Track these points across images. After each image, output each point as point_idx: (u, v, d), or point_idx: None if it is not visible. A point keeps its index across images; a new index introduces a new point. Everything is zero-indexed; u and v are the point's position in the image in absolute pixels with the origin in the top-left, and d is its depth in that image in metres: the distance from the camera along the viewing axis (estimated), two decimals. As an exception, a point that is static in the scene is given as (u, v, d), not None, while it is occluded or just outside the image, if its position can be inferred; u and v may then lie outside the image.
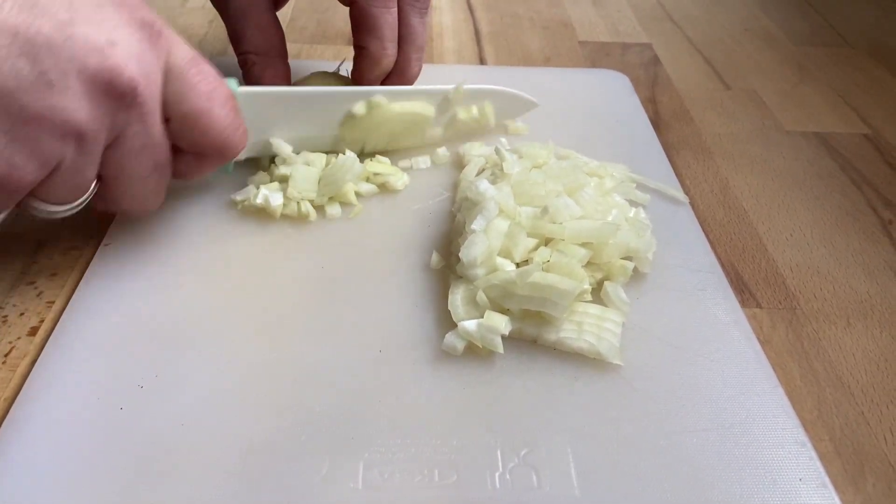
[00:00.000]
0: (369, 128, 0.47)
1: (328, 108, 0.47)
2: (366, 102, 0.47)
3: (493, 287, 0.37)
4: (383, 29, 0.46)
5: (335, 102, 0.47)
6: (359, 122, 0.47)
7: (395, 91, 0.48)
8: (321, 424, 0.32)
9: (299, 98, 0.46)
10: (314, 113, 0.46)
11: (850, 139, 0.58)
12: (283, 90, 0.46)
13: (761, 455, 0.32)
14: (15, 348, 0.37)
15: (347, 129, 0.47)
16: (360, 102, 0.47)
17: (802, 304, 0.42)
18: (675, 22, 0.78)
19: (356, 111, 0.46)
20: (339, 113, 0.47)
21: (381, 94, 0.47)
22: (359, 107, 0.46)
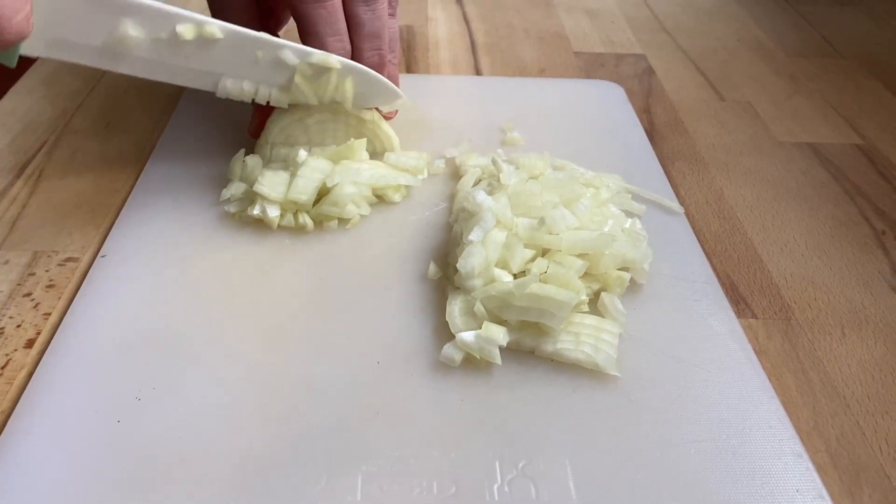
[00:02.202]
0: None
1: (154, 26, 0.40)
2: (194, 27, 0.41)
3: (490, 298, 0.37)
4: (318, 26, 0.45)
5: (168, 21, 0.40)
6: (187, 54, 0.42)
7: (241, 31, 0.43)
8: (319, 436, 0.32)
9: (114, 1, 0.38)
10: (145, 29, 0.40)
11: (842, 150, 0.58)
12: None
13: (758, 466, 0.32)
14: (12, 360, 0.36)
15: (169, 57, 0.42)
16: (188, 24, 0.41)
17: (797, 315, 0.42)
18: (668, 33, 0.78)
19: (180, 32, 0.40)
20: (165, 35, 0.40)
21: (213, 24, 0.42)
22: (184, 28, 0.40)
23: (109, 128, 0.55)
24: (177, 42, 0.41)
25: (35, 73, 0.61)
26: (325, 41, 0.46)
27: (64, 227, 0.45)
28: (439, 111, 0.57)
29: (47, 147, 0.52)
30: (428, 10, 0.80)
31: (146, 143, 0.53)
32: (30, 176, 0.49)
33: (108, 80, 0.61)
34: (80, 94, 0.59)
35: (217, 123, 0.54)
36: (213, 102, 0.52)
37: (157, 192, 0.46)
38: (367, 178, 0.45)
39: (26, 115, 0.56)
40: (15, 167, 0.50)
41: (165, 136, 0.52)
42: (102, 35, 0.39)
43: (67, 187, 0.48)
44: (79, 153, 0.52)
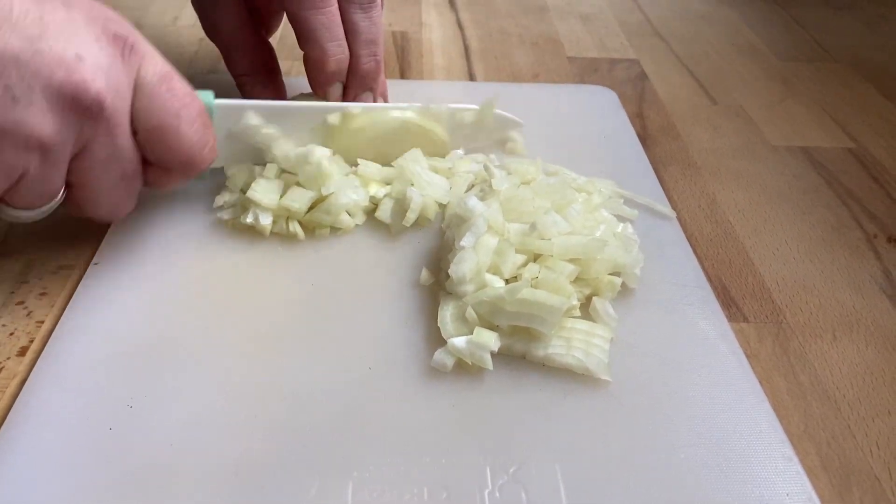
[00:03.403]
0: (347, 140, 0.47)
1: (306, 121, 0.47)
2: (340, 113, 0.47)
3: (482, 303, 0.37)
4: (317, 31, 0.46)
5: (312, 115, 0.47)
6: (334, 133, 0.47)
7: (373, 106, 0.48)
8: (311, 443, 0.33)
9: (275, 110, 0.46)
10: (292, 125, 0.46)
11: (835, 153, 0.59)
12: (259, 102, 0.46)
13: (749, 470, 0.32)
14: (4, 368, 0.36)
15: (322, 140, 0.47)
16: (336, 113, 0.47)
17: (789, 318, 0.42)
18: (661, 38, 0.79)
19: (330, 121, 0.47)
20: (318, 125, 0.48)
21: (357, 106, 0.47)
22: (333, 117, 0.47)
23: (103, 135, 0.55)
24: (328, 128, 0.48)
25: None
26: (325, 46, 0.46)
27: (57, 235, 0.45)
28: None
29: (41, 155, 0.52)
30: (422, 16, 0.80)
31: (140, 150, 0.53)
32: (23, 184, 0.49)
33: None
34: (75, 101, 0.59)
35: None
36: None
37: (150, 200, 0.46)
38: (436, 194, 0.46)
39: (20, 123, 0.56)
40: (8, 175, 0.50)
41: (159, 144, 0.52)
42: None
43: (61, 195, 0.48)
44: (72, 161, 0.52)
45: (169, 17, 0.75)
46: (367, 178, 0.47)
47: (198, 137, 0.38)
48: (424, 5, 0.83)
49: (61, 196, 0.37)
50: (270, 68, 0.51)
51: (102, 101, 0.33)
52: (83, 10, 0.34)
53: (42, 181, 0.34)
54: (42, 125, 0.32)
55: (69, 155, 0.35)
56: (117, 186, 0.38)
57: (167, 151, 0.38)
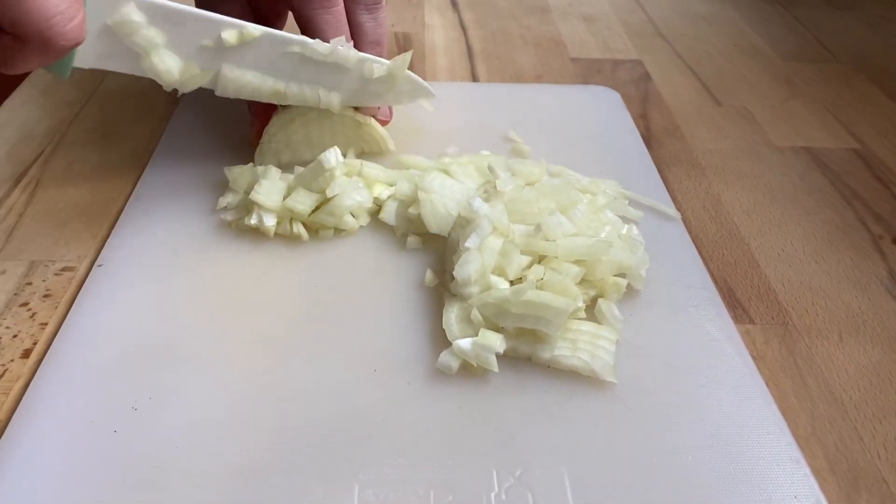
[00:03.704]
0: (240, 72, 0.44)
1: (198, 33, 0.42)
2: (238, 31, 0.42)
3: (487, 305, 0.37)
4: (324, 31, 0.46)
5: (206, 27, 0.42)
6: (229, 57, 0.43)
7: (275, 34, 0.44)
8: (315, 445, 0.32)
9: (164, 11, 0.40)
10: (181, 35, 0.41)
11: (839, 154, 0.58)
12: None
13: (756, 472, 0.32)
14: (8, 371, 0.36)
15: (213, 63, 0.43)
16: (232, 30, 0.42)
17: (795, 320, 0.42)
18: (665, 38, 0.78)
19: (226, 38, 0.42)
20: (210, 42, 0.42)
21: (256, 28, 0.43)
22: (229, 34, 0.42)
23: (106, 137, 0.55)
24: (222, 48, 0.42)
25: (32, 83, 0.61)
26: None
27: (61, 236, 0.45)
28: (436, 118, 0.57)
29: (44, 157, 0.52)
30: (425, 17, 0.80)
31: (143, 152, 0.53)
32: (26, 186, 0.49)
33: (104, 90, 0.61)
34: (77, 103, 0.59)
35: (213, 132, 0.54)
36: (209, 111, 0.53)
37: (153, 201, 0.46)
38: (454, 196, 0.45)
39: (23, 125, 0.56)
40: (12, 177, 0.50)
41: (162, 145, 0.52)
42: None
43: (64, 197, 0.48)
44: (75, 163, 0.52)
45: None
46: (372, 179, 0.46)
47: (64, 6, 0.33)
48: (427, 7, 0.83)
49: None
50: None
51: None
52: None
53: None
54: None
55: None
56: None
57: (25, 14, 0.32)
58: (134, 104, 0.59)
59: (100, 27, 0.39)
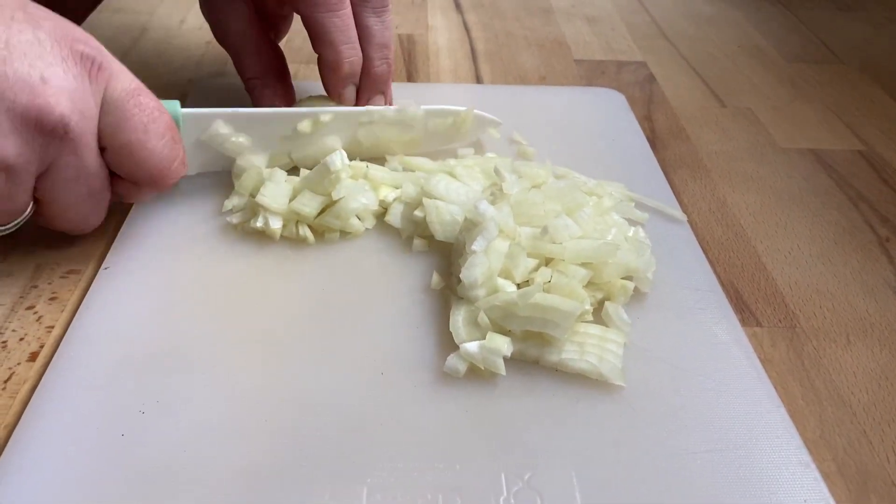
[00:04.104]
0: (319, 144, 0.48)
1: (276, 128, 0.47)
2: (311, 121, 0.47)
3: (494, 308, 0.37)
4: (332, 34, 0.46)
5: (282, 122, 0.47)
6: (307, 139, 0.47)
7: (344, 111, 0.48)
8: (323, 449, 0.32)
9: (244, 118, 0.46)
10: (265, 133, 0.46)
11: (844, 156, 0.58)
12: (227, 110, 0.45)
13: (765, 476, 0.32)
14: (15, 374, 0.36)
15: (294, 147, 0.48)
16: (306, 121, 0.47)
17: (802, 323, 0.42)
18: (669, 40, 0.78)
19: (301, 129, 0.47)
20: (289, 132, 0.47)
21: (329, 113, 0.47)
22: (304, 125, 0.47)
23: (111, 139, 0.55)
24: (300, 135, 0.47)
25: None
26: (339, 49, 0.46)
27: (66, 239, 0.45)
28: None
29: (49, 159, 0.52)
30: (428, 19, 0.80)
31: (148, 154, 0.53)
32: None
33: (109, 92, 0.61)
34: (82, 105, 0.59)
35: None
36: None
37: (159, 204, 0.46)
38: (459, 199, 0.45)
39: (28, 126, 0.56)
40: (17, 179, 0.50)
41: (167, 147, 0.52)
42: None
43: (69, 199, 0.48)
44: (81, 165, 0.52)
45: (175, 19, 0.75)
46: (377, 181, 0.46)
47: (167, 152, 0.39)
48: (430, 8, 0.83)
49: (30, 211, 0.38)
50: (280, 72, 0.51)
51: (67, 122, 0.34)
52: (50, 30, 0.34)
53: (7, 199, 0.35)
54: (5, 148, 0.33)
55: (34, 174, 0.35)
56: (85, 202, 0.38)
57: (136, 167, 0.38)
58: (138, 106, 0.59)
59: (195, 142, 0.45)
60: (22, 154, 0.33)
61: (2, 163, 0.33)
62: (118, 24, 0.37)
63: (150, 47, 0.70)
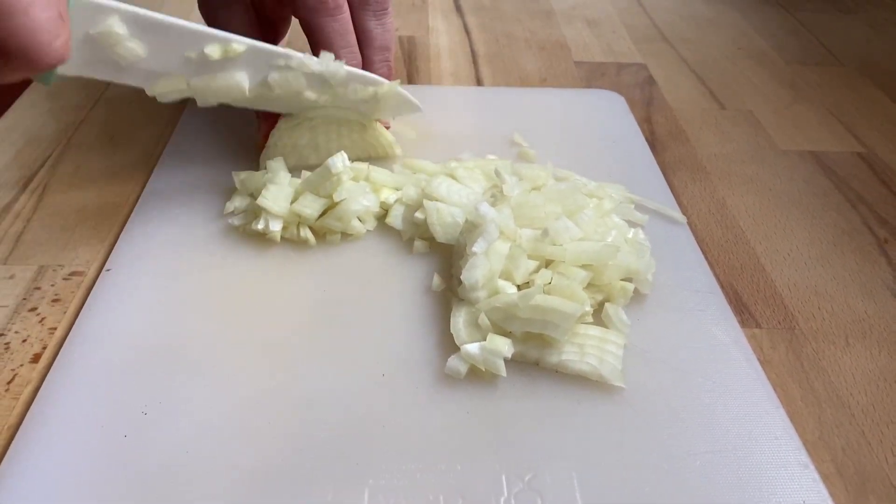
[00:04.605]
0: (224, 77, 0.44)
1: (181, 45, 0.41)
2: (220, 46, 0.42)
3: (494, 310, 0.37)
4: (331, 38, 0.46)
5: (190, 39, 0.41)
6: (213, 67, 0.43)
7: (259, 46, 0.44)
8: (325, 450, 0.33)
9: (147, 22, 0.40)
10: (163, 46, 0.41)
11: (844, 158, 0.59)
12: (130, 7, 0.39)
13: (765, 477, 0.32)
14: (18, 376, 0.36)
15: (196, 73, 0.43)
16: (215, 45, 0.42)
17: (801, 324, 0.42)
18: (668, 42, 0.78)
19: (209, 52, 0.42)
20: (193, 55, 0.42)
21: (239, 42, 0.42)
22: (212, 49, 0.42)
23: (113, 141, 0.55)
24: (205, 61, 0.42)
25: (38, 88, 0.62)
26: (338, 53, 0.46)
27: (69, 241, 0.45)
28: (441, 122, 0.57)
29: (51, 161, 0.53)
30: (429, 21, 0.80)
31: (150, 156, 0.53)
32: (34, 190, 0.49)
33: (111, 94, 0.61)
34: (84, 107, 0.59)
35: (220, 135, 0.54)
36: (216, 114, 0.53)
37: (161, 206, 0.46)
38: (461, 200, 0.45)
39: (30, 129, 0.56)
40: (19, 181, 0.50)
41: (169, 149, 0.52)
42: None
43: (72, 201, 0.48)
44: (83, 167, 0.52)
45: (176, 22, 0.75)
46: (379, 183, 0.47)
47: (50, 25, 0.34)
48: (431, 10, 0.83)
49: None
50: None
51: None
52: None
53: None
54: None
55: None
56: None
57: (10, 34, 0.33)
58: (140, 108, 0.59)
59: (83, 36, 0.38)
60: None
61: None
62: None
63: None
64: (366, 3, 0.48)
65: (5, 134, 0.55)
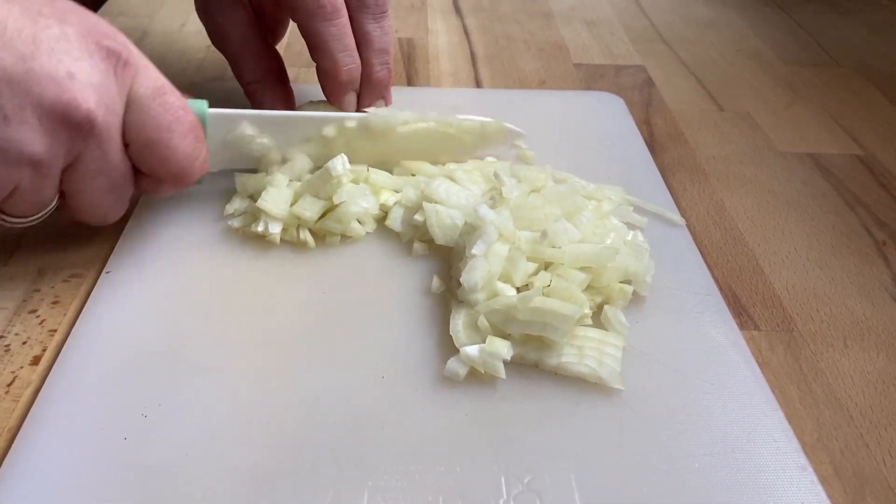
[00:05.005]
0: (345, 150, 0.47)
1: (301, 131, 0.47)
2: (335, 125, 0.47)
3: (494, 312, 0.37)
4: (329, 43, 0.46)
5: (308, 125, 0.47)
6: (331, 144, 0.48)
7: (369, 118, 0.48)
8: (325, 452, 0.33)
9: (270, 120, 0.46)
10: (289, 135, 0.47)
11: (842, 160, 0.59)
12: (254, 112, 0.46)
13: (763, 479, 0.32)
14: (18, 378, 0.37)
15: (316, 150, 0.48)
16: (330, 126, 0.47)
17: (800, 326, 0.42)
18: (667, 43, 0.79)
19: (326, 133, 0.47)
20: (314, 136, 0.48)
21: (354, 119, 0.47)
22: (328, 130, 0.47)
23: (112, 143, 0.55)
24: (324, 140, 0.48)
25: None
26: (336, 57, 0.46)
27: (68, 243, 0.45)
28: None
29: (51, 162, 0.52)
30: (428, 23, 0.81)
31: (149, 157, 0.53)
32: (34, 192, 0.49)
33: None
34: (83, 108, 0.59)
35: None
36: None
37: (160, 207, 0.47)
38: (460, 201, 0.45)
39: (30, 130, 0.56)
40: (19, 183, 0.50)
41: (168, 151, 0.52)
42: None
43: (71, 203, 0.48)
44: (82, 168, 0.52)
45: (176, 23, 0.75)
46: (378, 185, 0.47)
47: (189, 150, 0.39)
48: (430, 12, 0.84)
49: (55, 203, 0.38)
50: (278, 76, 0.51)
51: (93, 118, 0.34)
52: (77, 25, 0.34)
53: (34, 192, 0.36)
54: (33, 143, 0.33)
55: (60, 168, 0.35)
56: (108, 195, 0.39)
57: (159, 164, 0.39)
58: (139, 110, 0.59)
59: (222, 142, 0.45)
60: (49, 149, 0.34)
61: (31, 157, 0.33)
62: (119, 27, 0.37)
63: (151, 51, 0.70)
64: (365, 5, 0.47)
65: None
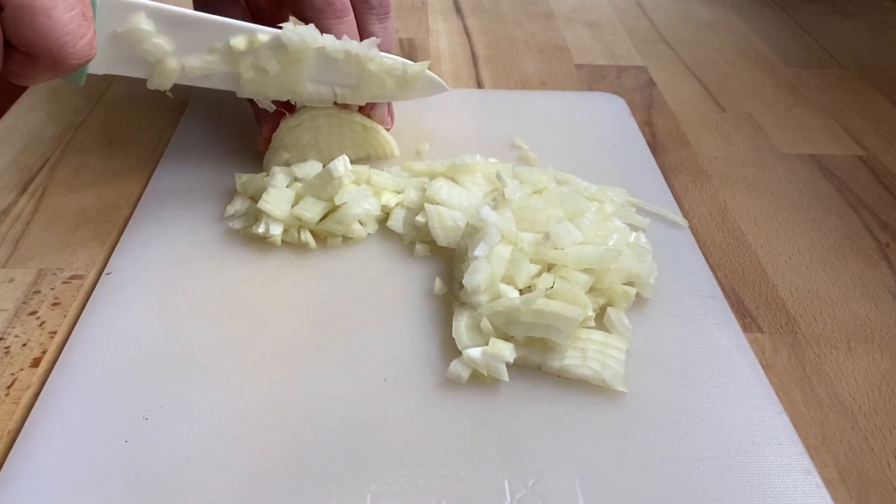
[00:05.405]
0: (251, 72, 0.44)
1: (207, 38, 0.42)
2: (246, 37, 0.42)
3: (496, 314, 0.37)
4: None
5: (215, 32, 0.42)
6: (238, 61, 0.43)
7: (288, 34, 0.43)
8: (327, 455, 0.32)
9: (172, 18, 0.40)
10: (192, 41, 0.42)
11: (844, 161, 0.58)
12: (154, 4, 0.40)
13: (768, 483, 0.32)
14: (18, 380, 0.36)
15: (218, 66, 0.43)
16: (240, 36, 0.42)
17: (803, 328, 0.42)
18: (669, 44, 0.78)
19: (234, 45, 0.42)
20: (219, 46, 0.42)
21: (268, 33, 0.43)
22: (237, 41, 0.42)
23: (112, 144, 0.55)
24: (231, 53, 0.42)
25: (37, 90, 0.61)
26: None
27: (68, 244, 0.45)
28: (441, 124, 0.57)
29: (50, 164, 0.52)
30: (429, 23, 0.80)
31: (149, 158, 0.53)
32: (33, 193, 0.49)
33: (110, 96, 0.61)
34: (83, 110, 0.59)
35: (221, 138, 0.54)
36: (216, 117, 0.53)
37: (161, 209, 0.46)
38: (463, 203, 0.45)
39: (29, 132, 0.56)
40: (18, 184, 0.50)
41: (169, 152, 0.52)
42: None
43: (71, 204, 0.48)
44: (82, 170, 0.52)
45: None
46: (380, 187, 0.46)
47: (74, 26, 0.34)
48: (431, 12, 0.83)
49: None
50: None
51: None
52: None
53: None
54: None
55: None
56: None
57: (35, 36, 0.33)
58: (140, 110, 0.59)
59: (111, 34, 0.39)
60: None
61: None
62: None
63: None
64: (369, 6, 0.48)
65: (4, 136, 0.55)
